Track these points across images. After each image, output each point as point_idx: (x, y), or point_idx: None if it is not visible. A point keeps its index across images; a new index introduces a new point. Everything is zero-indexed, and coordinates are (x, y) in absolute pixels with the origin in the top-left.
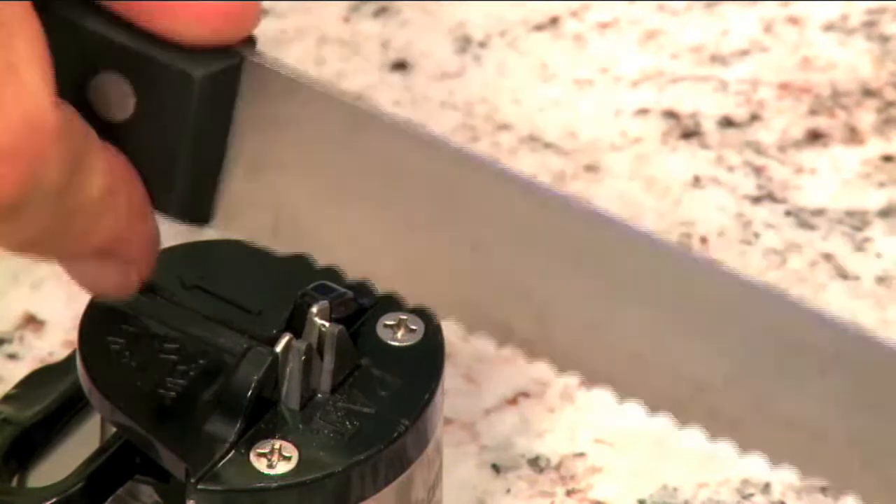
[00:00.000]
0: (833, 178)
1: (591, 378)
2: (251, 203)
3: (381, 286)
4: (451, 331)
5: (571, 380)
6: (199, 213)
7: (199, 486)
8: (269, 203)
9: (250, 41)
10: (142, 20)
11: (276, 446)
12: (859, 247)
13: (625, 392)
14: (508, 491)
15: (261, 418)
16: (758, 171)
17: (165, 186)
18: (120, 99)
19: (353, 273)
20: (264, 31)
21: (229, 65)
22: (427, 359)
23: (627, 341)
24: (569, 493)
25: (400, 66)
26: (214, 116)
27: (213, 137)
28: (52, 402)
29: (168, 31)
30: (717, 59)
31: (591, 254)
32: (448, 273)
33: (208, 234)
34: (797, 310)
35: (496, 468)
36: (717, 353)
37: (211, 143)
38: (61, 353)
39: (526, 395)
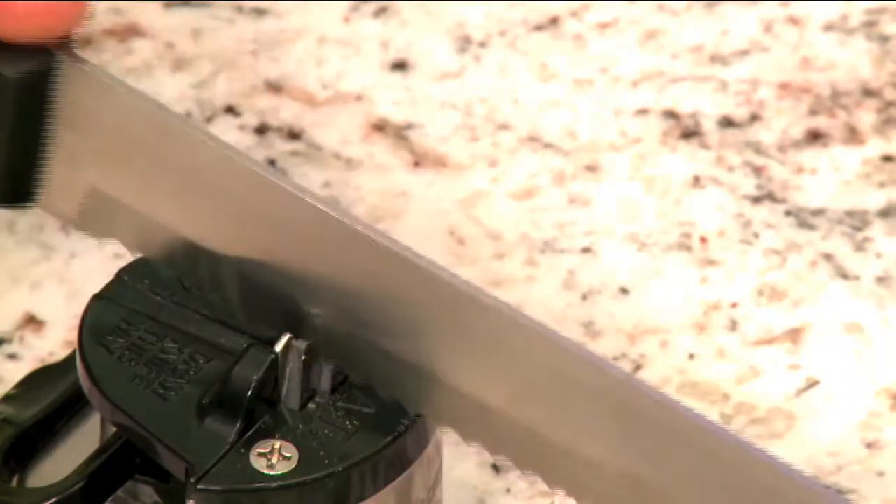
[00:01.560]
0: (833, 178)
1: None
2: (67, 190)
3: None
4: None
5: None
6: (18, 197)
7: (199, 486)
8: (82, 191)
9: (69, 42)
10: None
11: (276, 446)
12: (859, 247)
13: None
14: (508, 491)
15: (261, 418)
16: (758, 171)
17: None
18: None
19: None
20: (264, 31)
21: (44, 67)
22: None
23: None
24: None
25: (400, 66)
26: (30, 112)
27: (29, 131)
28: (52, 402)
29: None
30: (717, 59)
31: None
32: None
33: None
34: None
35: (496, 468)
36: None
37: (28, 136)
38: (61, 353)
39: None
